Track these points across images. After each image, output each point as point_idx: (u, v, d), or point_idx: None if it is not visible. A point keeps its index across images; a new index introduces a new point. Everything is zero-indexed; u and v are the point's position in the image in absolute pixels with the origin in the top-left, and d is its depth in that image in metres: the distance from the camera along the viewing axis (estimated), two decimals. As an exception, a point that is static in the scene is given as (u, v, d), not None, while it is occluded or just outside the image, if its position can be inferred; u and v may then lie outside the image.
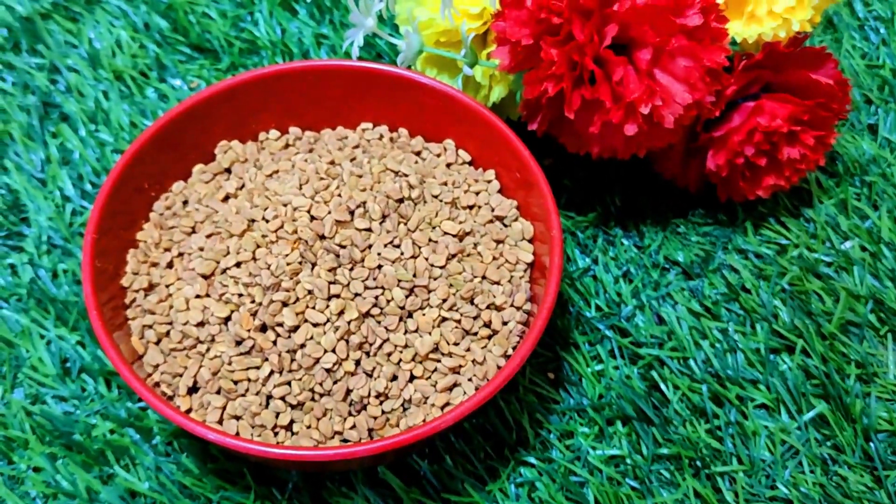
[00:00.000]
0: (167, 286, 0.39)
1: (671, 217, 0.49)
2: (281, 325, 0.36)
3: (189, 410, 0.37)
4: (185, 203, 0.42)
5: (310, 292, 0.36)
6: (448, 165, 0.43)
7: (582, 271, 0.47)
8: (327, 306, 0.36)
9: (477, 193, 0.42)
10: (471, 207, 0.41)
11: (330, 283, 0.36)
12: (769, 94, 0.44)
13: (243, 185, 0.41)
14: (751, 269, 0.47)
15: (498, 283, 0.39)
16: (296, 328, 0.36)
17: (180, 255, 0.39)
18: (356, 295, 0.36)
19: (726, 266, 0.48)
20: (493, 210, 0.41)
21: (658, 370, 0.44)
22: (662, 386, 0.43)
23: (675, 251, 0.48)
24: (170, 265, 0.39)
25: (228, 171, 0.43)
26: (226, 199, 0.41)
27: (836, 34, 0.58)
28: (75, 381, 0.43)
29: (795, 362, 0.44)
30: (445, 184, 0.41)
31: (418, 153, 0.44)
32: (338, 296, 0.36)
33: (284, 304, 0.36)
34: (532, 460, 0.41)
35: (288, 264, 0.36)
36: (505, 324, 0.38)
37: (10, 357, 0.43)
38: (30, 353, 0.44)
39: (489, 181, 0.43)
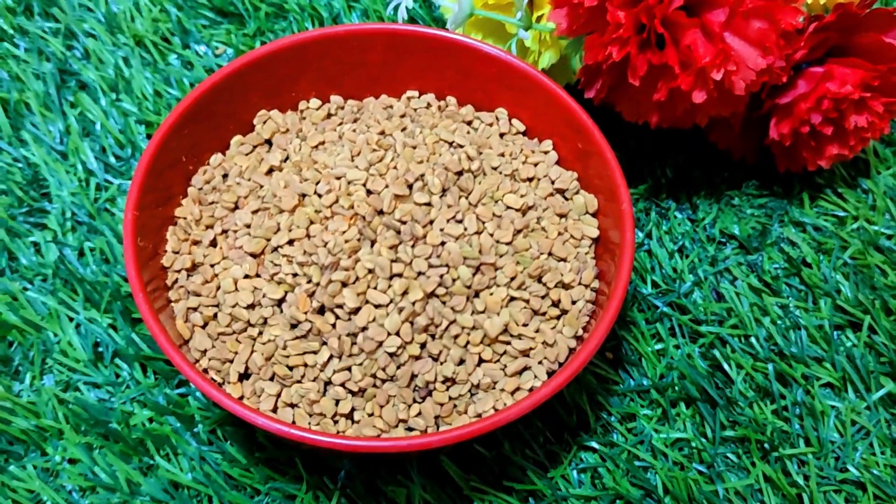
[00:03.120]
0: (212, 266, 0.36)
1: (724, 189, 0.47)
2: (341, 306, 0.33)
3: (241, 398, 0.34)
4: (225, 177, 0.39)
5: (370, 271, 0.34)
6: (502, 136, 0.41)
7: (637, 246, 0.45)
8: (390, 286, 0.34)
9: (535, 165, 0.39)
10: (530, 180, 0.39)
11: (392, 261, 0.34)
12: (835, 59, 0.42)
13: (287, 157, 0.39)
14: (809, 243, 0.45)
15: (565, 259, 0.37)
16: (357, 310, 0.33)
17: (224, 232, 0.37)
18: (420, 274, 0.34)
19: (784, 239, 0.46)
20: (552, 182, 0.39)
21: (720, 349, 0.42)
22: (725, 365, 0.41)
23: (731, 224, 0.46)
24: (213, 243, 0.37)
25: (269, 142, 0.40)
26: (269, 172, 0.38)
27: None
28: (108, 366, 0.41)
29: (861, 339, 0.42)
30: (502, 155, 0.39)
31: (469, 122, 0.41)
32: (400, 275, 0.34)
33: (344, 285, 0.34)
34: (594, 444, 0.39)
35: (346, 241, 0.34)
36: (574, 303, 0.36)
37: (37, 341, 0.41)
38: (58, 337, 0.41)
39: (546, 152, 0.40)
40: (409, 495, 0.38)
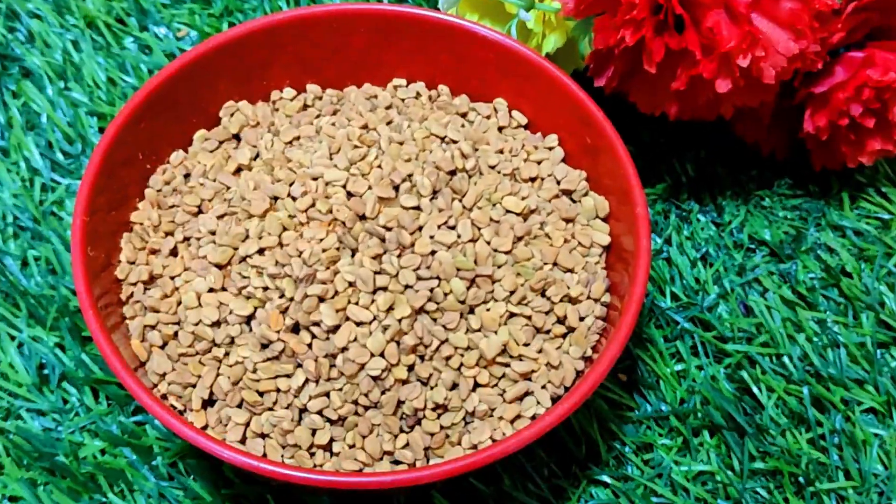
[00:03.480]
0: (172, 278, 0.36)
1: (753, 188, 0.48)
2: (317, 324, 0.34)
3: (205, 427, 0.35)
4: (187, 177, 0.39)
5: (351, 284, 0.34)
6: (500, 129, 0.41)
7: (654, 254, 0.45)
8: (373, 301, 0.34)
9: (538, 163, 0.39)
10: (532, 180, 0.39)
11: (375, 273, 0.34)
12: (877, 42, 0.42)
13: (258, 155, 0.39)
14: (850, 249, 0.46)
15: (572, 270, 0.37)
16: (336, 328, 0.33)
17: (186, 240, 0.37)
18: (407, 287, 0.34)
19: (821, 245, 0.46)
20: (558, 183, 0.39)
21: (748, 370, 0.42)
22: (754, 388, 0.42)
23: (761, 228, 0.46)
24: (173, 252, 0.37)
25: (237, 137, 0.40)
26: (238, 171, 0.38)
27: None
28: (55, 391, 0.41)
29: (908, 359, 0.42)
30: (501, 151, 0.39)
31: (464, 115, 0.41)
32: (385, 288, 0.34)
33: (321, 300, 0.34)
34: (606, 479, 0.40)
35: (324, 251, 0.34)
36: (582, 319, 0.36)
37: (-26, 363, 0.41)
38: (-1, 358, 0.41)
39: (551, 148, 0.40)
40: (396, 537, 0.38)
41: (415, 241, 0.35)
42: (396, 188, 0.36)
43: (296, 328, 0.34)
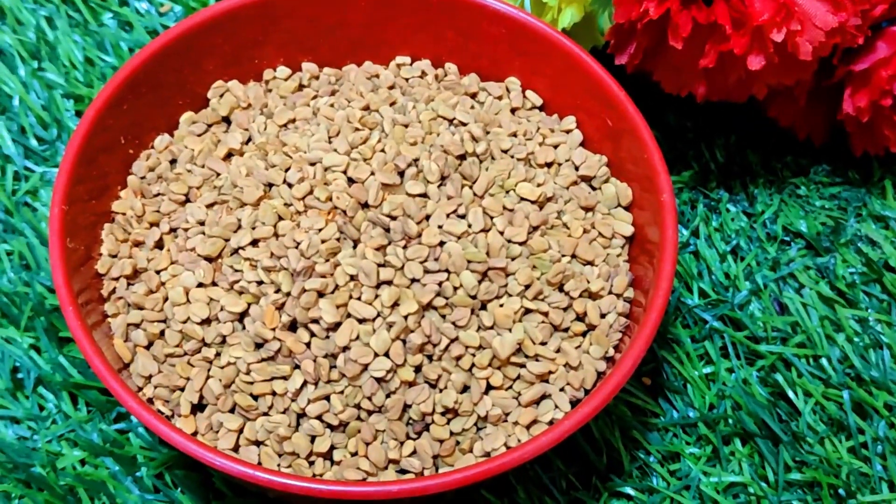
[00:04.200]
0: (157, 272, 0.36)
1: (788, 176, 0.48)
2: (316, 321, 0.34)
3: (195, 434, 0.35)
4: (173, 163, 0.40)
5: (353, 278, 0.34)
6: (513, 111, 0.41)
7: (681, 247, 0.45)
8: (377, 296, 0.34)
9: (555, 147, 0.40)
10: (549, 165, 0.39)
11: (379, 265, 0.34)
12: (922, 16, 0.42)
13: (250, 139, 0.39)
14: (893, 242, 0.46)
15: (592, 263, 0.37)
16: (336, 325, 0.34)
17: (172, 231, 0.37)
18: (414, 281, 0.34)
19: (862, 238, 0.46)
20: (577, 168, 0.39)
21: (783, 373, 0.42)
22: (790, 393, 0.42)
23: (796, 219, 0.46)
24: (159, 245, 0.37)
25: (227, 120, 0.41)
26: (228, 156, 0.39)
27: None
28: (31, 396, 0.41)
29: (957, 360, 0.43)
30: (515, 135, 0.39)
31: (474, 95, 0.41)
32: (390, 282, 0.34)
33: (321, 295, 0.34)
34: (629, 491, 0.40)
35: (322, 242, 0.34)
36: (603, 316, 0.36)
37: (-58, 366, 0.41)
38: (-32, 360, 0.42)
39: (569, 131, 0.41)
40: (401, 554, 0.38)
41: (422, 232, 0.35)
42: (401, 174, 0.36)
43: (293, 326, 0.34)
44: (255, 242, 0.35)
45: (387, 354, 0.34)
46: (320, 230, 0.35)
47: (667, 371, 0.42)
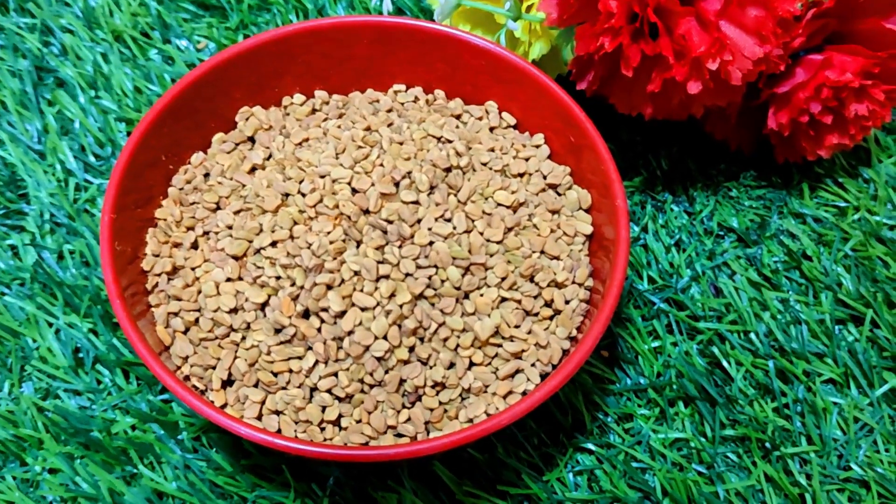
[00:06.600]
0: (193, 269, 0.35)
1: (722, 180, 0.46)
2: (326, 310, 0.32)
3: (224, 406, 0.33)
4: (207, 176, 0.38)
5: (357, 273, 0.33)
6: (492, 129, 0.40)
7: (632, 241, 0.44)
8: (376, 288, 0.33)
9: (526, 160, 0.38)
10: (521, 175, 0.38)
11: (378, 262, 0.33)
12: (834, 46, 0.41)
13: (271, 155, 0.38)
14: (810, 235, 0.44)
15: (557, 258, 0.36)
16: (342, 313, 0.32)
17: (205, 234, 0.36)
18: (408, 275, 0.33)
19: (784, 232, 0.45)
20: (545, 178, 0.38)
21: (719, 345, 0.41)
22: (724, 362, 0.40)
23: (729, 217, 0.45)
24: (194, 245, 0.36)
25: (252, 139, 0.39)
26: (252, 170, 0.37)
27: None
28: (89, 373, 0.40)
29: (864, 334, 0.41)
30: (492, 150, 0.38)
31: (458, 116, 0.40)
32: (388, 276, 0.33)
33: (329, 287, 0.33)
34: (590, 446, 0.39)
35: (331, 243, 0.33)
36: (568, 302, 0.35)
37: (15, 348, 0.40)
38: (37, 343, 0.40)
39: (538, 146, 0.39)
40: (400, 501, 0.37)
41: (414, 233, 0.34)
42: (397, 184, 0.35)
43: (306, 314, 0.33)
44: (274, 243, 0.34)
45: (385, 337, 0.32)
46: (329, 233, 0.33)
47: (621, 345, 0.41)
